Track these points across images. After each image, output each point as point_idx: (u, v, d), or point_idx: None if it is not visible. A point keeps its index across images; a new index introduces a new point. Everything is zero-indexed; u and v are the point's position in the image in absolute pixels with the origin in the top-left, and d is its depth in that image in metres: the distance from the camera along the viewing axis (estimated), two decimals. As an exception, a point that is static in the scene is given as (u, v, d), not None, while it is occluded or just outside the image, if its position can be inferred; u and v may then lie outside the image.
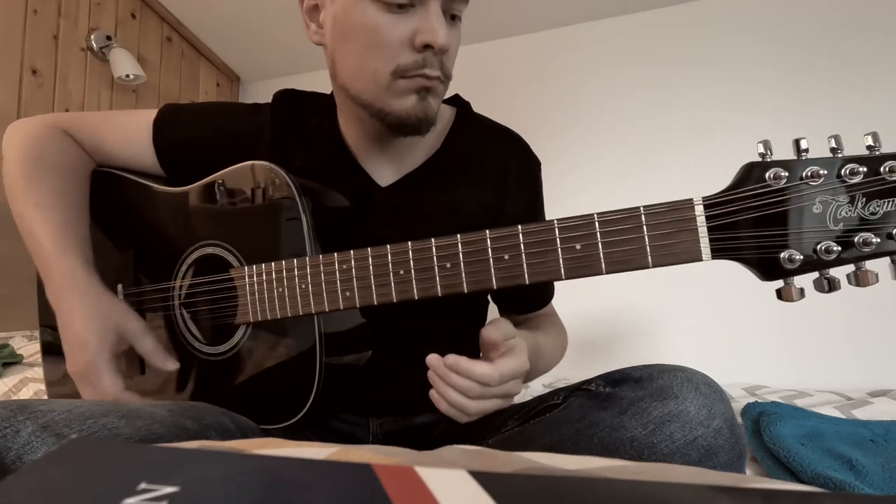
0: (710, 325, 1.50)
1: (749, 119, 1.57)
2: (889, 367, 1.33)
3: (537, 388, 1.22)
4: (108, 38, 1.63)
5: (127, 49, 1.66)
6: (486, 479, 0.18)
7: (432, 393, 0.49)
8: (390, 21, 0.53)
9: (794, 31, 1.57)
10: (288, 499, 0.17)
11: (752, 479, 0.26)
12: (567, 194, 1.60)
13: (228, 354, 0.60)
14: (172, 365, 0.60)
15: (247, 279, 0.58)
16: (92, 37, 1.60)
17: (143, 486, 0.17)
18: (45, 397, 0.78)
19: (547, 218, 0.75)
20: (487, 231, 0.46)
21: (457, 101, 0.72)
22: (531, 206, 0.71)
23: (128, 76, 1.62)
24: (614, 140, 1.71)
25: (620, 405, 0.43)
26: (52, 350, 0.75)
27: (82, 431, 0.40)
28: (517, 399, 1.21)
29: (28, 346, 1.26)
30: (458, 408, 0.47)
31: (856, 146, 0.40)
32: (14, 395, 1.06)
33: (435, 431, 0.65)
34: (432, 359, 0.48)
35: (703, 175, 1.60)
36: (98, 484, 0.18)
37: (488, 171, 0.67)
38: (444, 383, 0.47)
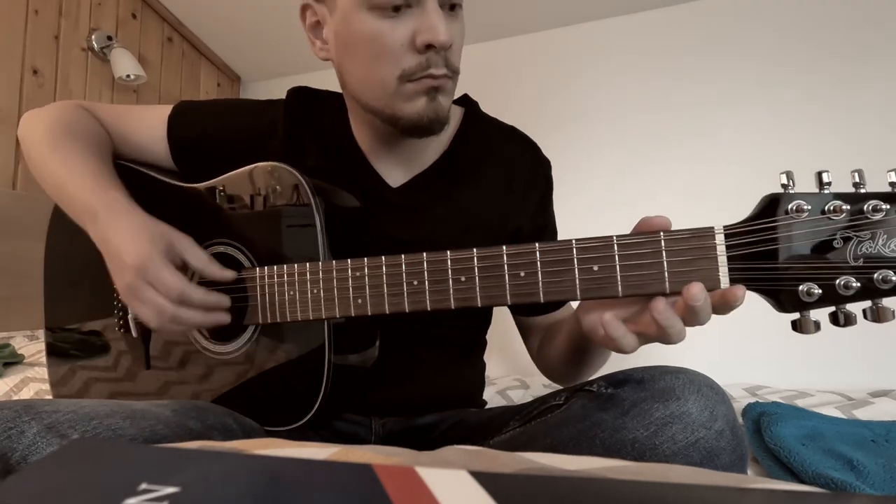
0: (710, 326, 1.50)
1: (749, 119, 1.57)
2: (890, 368, 1.32)
3: (538, 388, 1.22)
4: (109, 38, 1.63)
5: (128, 49, 1.66)
6: (486, 479, 0.18)
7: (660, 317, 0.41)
8: (389, 26, 0.53)
9: (793, 31, 1.57)
10: (288, 499, 0.17)
11: (753, 479, 0.26)
12: (567, 194, 1.60)
13: (236, 354, 0.60)
14: (229, 274, 0.57)
15: (258, 280, 0.57)
16: (93, 37, 1.60)
17: (143, 486, 0.17)
18: (50, 396, 0.78)
19: (555, 219, 0.74)
20: (504, 247, 0.45)
21: (465, 101, 0.72)
22: (541, 206, 0.71)
23: (128, 76, 1.63)
24: (614, 139, 1.71)
25: (622, 406, 0.43)
26: (57, 352, 0.75)
27: (86, 432, 0.40)
28: (518, 399, 1.20)
29: (29, 346, 1.26)
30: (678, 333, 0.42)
31: (854, 146, 0.40)
32: (15, 395, 1.06)
33: (436, 432, 0.65)
34: (694, 290, 0.39)
35: (703, 175, 1.61)
36: (99, 484, 0.18)
37: (498, 170, 0.67)
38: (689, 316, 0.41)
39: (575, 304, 0.55)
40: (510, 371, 1.47)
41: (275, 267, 0.56)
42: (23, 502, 0.17)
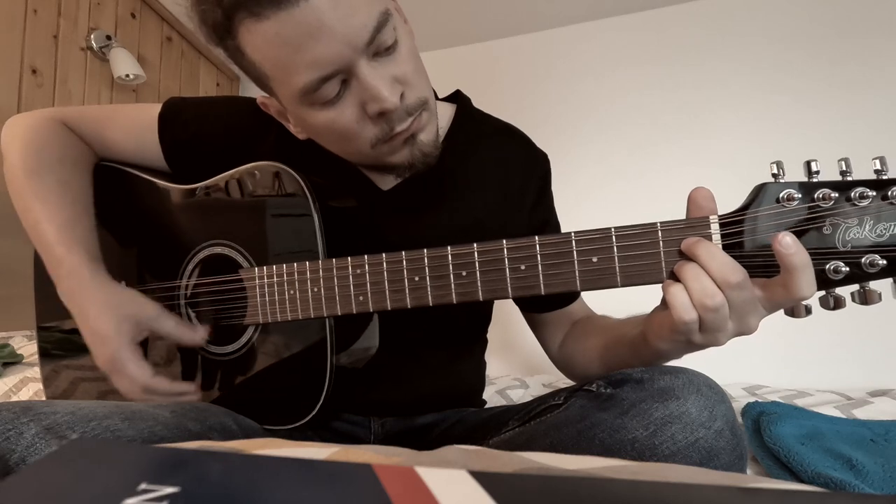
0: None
1: (749, 118, 1.57)
2: (889, 367, 1.32)
3: (538, 388, 1.22)
4: (108, 37, 1.63)
5: (127, 49, 1.66)
6: (486, 479, 0.18)
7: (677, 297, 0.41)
8: (336, 113, 0.53)
9: (793, 32, 1.57)
10: (288, 499, 0.17)
11: (752, 478, 0.26)
12: (565, 193, 1.60)
13: (236, 355, 0.60)
14: (201, 335, 0.59)
15: (257, 280, 0.57)
16: (92, 36, 1.60)
17: (143, 486, 0.17)
18: (44, 396, 0.78)
19: (556, 212, 0.74)
20: (504, 241, 0.46)
21: (457, 98, 0.72)
22: (538, 202, 0.70)
23: (128, 76, 1.62)
24: (614, 139, 1.71)
25: (622, 406, 0.43)
26: (47, 350, 0.75)
27: (85, 433, 0.40)
28: (517, 399, 1.20)
29: (28, 345, 1.26)
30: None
31: (854, 146, 0.40)
32: (14, 395, 1.06)
33: (435, 432, 0.65)
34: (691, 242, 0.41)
35: (702, 174, 1.60)
36: (99, 484, 0.18)
37: (491, 170, 0.67)
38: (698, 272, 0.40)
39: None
40: (510, 370, 1.46)
41: (273, 266, 0.56)
42: (22, 502, 0.17)
